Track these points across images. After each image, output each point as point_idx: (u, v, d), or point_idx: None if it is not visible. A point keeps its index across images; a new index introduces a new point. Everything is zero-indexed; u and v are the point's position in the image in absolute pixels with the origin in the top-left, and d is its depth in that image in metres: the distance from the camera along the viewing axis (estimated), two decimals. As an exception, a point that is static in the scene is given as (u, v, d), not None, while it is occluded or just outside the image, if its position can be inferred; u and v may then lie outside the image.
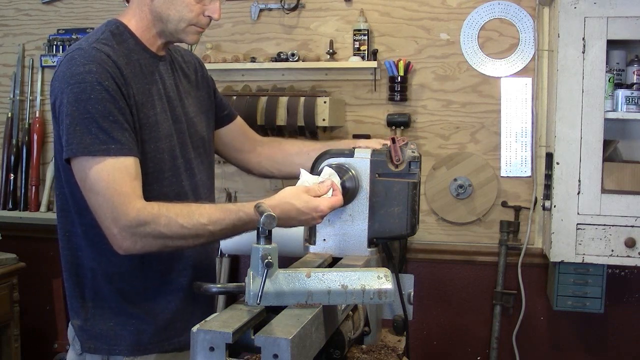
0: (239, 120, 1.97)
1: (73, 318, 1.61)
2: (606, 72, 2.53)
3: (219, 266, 3.10)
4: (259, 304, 1.12)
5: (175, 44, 1.72)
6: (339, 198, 1.50)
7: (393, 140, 1.64)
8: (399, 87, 2.95)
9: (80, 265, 1.57)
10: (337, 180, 1.54)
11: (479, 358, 3.04)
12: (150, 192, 1.51)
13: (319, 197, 1.48)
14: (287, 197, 1.43)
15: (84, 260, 1.57)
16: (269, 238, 1.14)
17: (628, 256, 2.55)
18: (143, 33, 1.59)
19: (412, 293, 1.76)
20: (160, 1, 1.54)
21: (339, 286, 1.17)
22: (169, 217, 1.41)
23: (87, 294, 1.58)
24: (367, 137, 3.02)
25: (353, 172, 1.59)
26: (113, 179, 1.40)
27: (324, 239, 1.61)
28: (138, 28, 1.58)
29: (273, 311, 1.18)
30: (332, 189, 1.51)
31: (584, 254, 2.57)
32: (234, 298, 3.11)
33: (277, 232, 1.17)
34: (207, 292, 1.23)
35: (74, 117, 1.42)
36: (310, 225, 1.55)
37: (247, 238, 1.41)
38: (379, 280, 1.18)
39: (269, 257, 1.12)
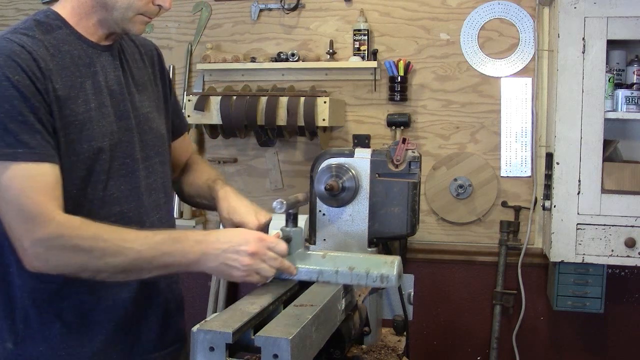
0: (186, 136, 1.75)
1: (3, 340, 1.42)
2: (606, 72, 2.53)
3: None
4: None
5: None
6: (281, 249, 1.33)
7: (404, 140, 1.62)
8: (399, 87, 2.96)
9: (11, 282, 1.39)
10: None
11: (479, 358, 3.04)
12: (84, 197, 1.37)
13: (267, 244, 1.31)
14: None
15: (14, 278, 1.38)
16: (294, 222, 1.38)
17: (628, 256, 2.55)
18: (80, 21, 1.42)
19: (412, 293, 1.76)
20: None
21: (346, 268, 1.31)
22: (96, 229, 1.27)
23: (17, 315, 1.40)
24: (368, 137, 3.03)
25: (353, 172, 1.58)
26: (26, 187, 1.25)
27: (324, 239, 1.61)
28: (74, 16, 1.41)
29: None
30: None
31: (584, 254, 2.57)
32: (234, 298, 3.12)
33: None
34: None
35: None
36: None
37: None
38: (384, 265, 1.30)
39: (290, 235, 1.35)
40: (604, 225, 2.55)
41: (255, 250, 1.28)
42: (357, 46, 2.97)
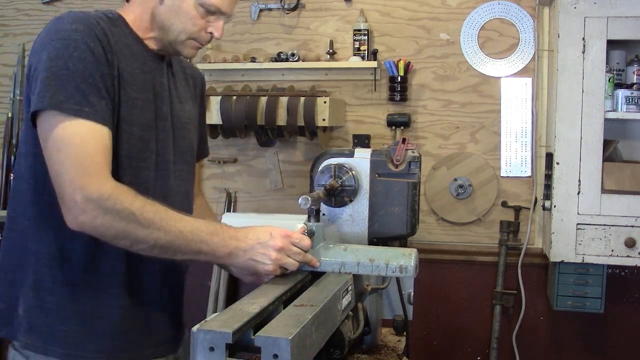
0: (198, 166, 1.78)
1: (27, 306, 1.42)
2: (606, 72, 2.53)
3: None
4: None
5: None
6: (307, 243, 1.40)
7: (404, 140, 1.62)
8: (399, 87, 2.96)
9: (26, 248, 1.41)
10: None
11: (479, 358, 3.04)
12: (123, 178, 1.40)
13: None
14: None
15: (29, 244, 1.41)
16: (316, 217, 1.46)
17: (628, 256, 2.55)
18: (139, 30, 1.49)
19: (412, 293, 1.75)
20: (166, 8, 1.46)
21: (367, 259, 1.39)
22: (145, 201, 1.31)
23: (27, 281, 1.41)
24: (368, 137, 3.03)
25: (353, 172, 1.59)
26: (87, 144, 1.29)
27: (324, 239, 1.61)
28: (135, 24, 1.49)
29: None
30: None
31: (584, 254, 2.57)
32: (234, 298, 3.11)
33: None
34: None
35: (51, 72, 1.30)
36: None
37: None
38: (403, 257, 1.39)
39: (313, 229, 1.41)
40: (604, 225, 2.55)
41: (281, 246, 1.36)
42: (357, 46, 2.96)
